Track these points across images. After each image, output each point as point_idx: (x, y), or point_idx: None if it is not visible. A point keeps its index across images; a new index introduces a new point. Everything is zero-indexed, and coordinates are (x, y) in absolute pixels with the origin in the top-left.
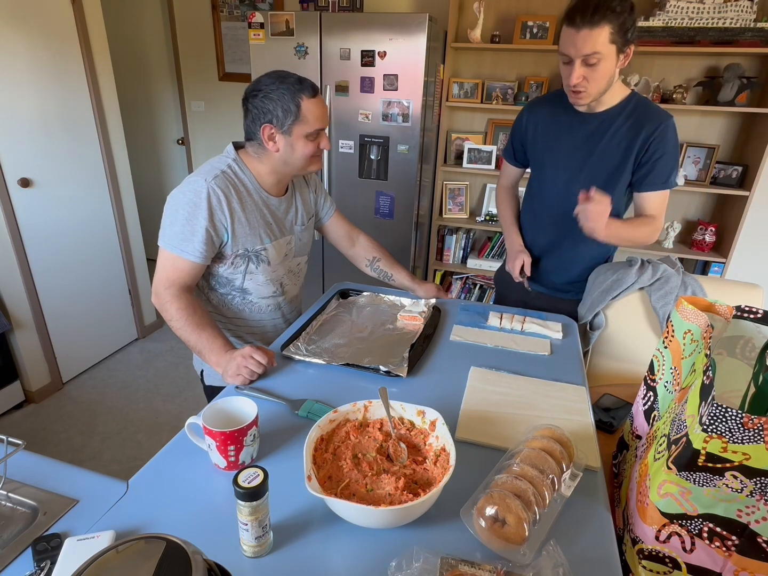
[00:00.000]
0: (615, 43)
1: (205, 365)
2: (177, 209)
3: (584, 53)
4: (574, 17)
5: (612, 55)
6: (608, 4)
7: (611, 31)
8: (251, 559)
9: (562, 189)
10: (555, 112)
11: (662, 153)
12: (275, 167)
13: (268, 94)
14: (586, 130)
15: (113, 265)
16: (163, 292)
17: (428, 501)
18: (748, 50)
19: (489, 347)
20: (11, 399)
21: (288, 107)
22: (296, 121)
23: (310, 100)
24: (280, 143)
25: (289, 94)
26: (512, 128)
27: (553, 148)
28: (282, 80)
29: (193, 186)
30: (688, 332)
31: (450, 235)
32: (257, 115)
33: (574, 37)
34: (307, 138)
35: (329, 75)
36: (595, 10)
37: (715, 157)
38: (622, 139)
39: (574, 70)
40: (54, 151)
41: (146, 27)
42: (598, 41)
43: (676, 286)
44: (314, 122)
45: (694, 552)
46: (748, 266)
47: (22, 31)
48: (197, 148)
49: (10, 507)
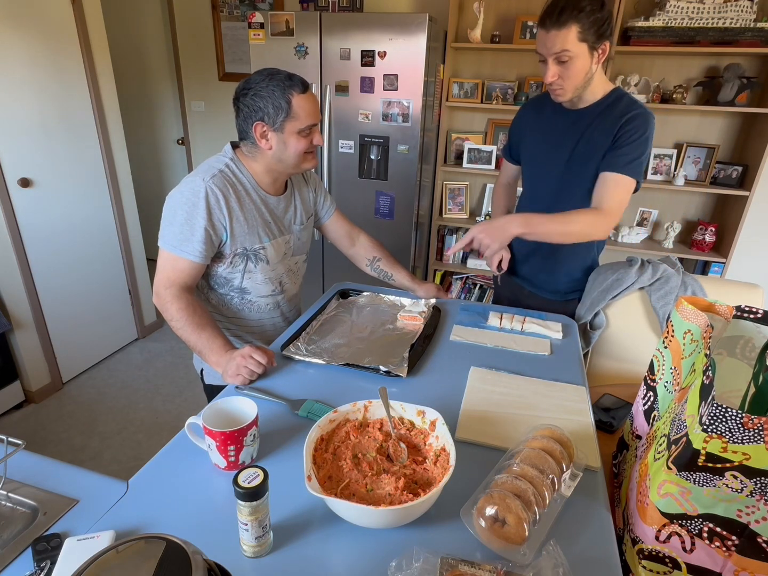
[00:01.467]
0: (585, 41)
1: (204, 364)
2: (175, 209)
3: (554, 51)
4: (544, 20)
5: (584, 53)
6: (575, 5)
7: (579, 30)
8: (251, 559)
9: (546, 184)
10: (542, 110)
11: (629, 137)
12: (270, 165)
13: (259, 91)
14: (568, 125)
15: (113, 265)
16: (164, 292)
17: (428, 501)
18: (748, 50)
19: (489, 347)
20: (11, 399)
21: (279, 104)
22: (287, 117)
23: (300, 96)
24: (272, 141)
25: (279, 91)
26: (510, 127)
27: (538, 144)
28: (271, 77)
29: (191, 186)
30: (688, 332)
31: (450, 235)
32: (248, 114)
33: (544, 37)
34: (299, 134)
35: (329, 75)
36: (562, 12)
37: (715, 157)
38: (602, 132)
39: (548, 68)
40: (54, 151)
41: (146, 27)
42: (567, 40)
43: (676, 286)
44: (306, 118)
45: (694, 552)
46: (748, 266)
47: (22, 31)
48: (197, 148)
49: (10, 507)
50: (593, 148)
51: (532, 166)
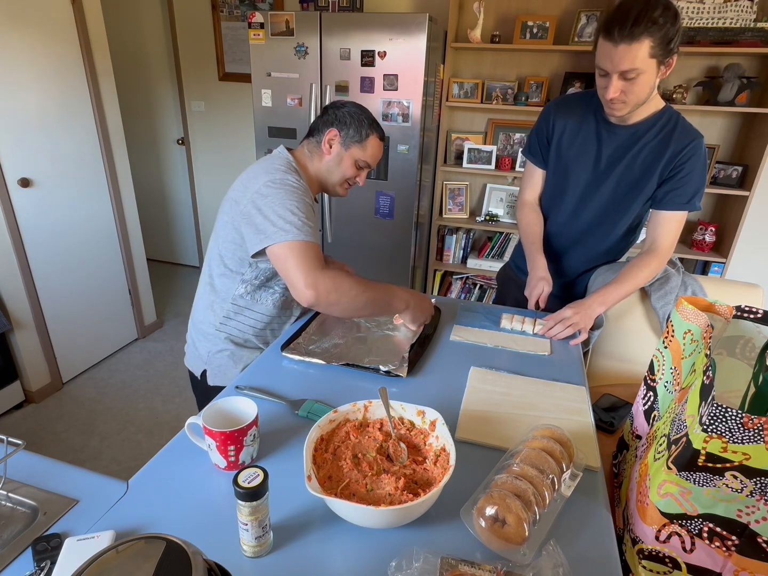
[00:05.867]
0: (655, 57)
1: (208, 365)
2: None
3: (621, 69)
4: (611, 30)
5: (652, 69)
6: (650, 15)
7: (651, 45)
8: (251, 559)
9: (578, 199)
10: (585, 118)
11: (688, 171)
12: (319, 171)
13: (351, 113)
14: (615, 142)
15: (113, 265)
16: (323, 275)
17: (428, 501)
18: (748, 50)
19: (489, 347)
20: (11, 399)
21: (359, 131)
22: (358, 144)
23: (376, 139)
24: (334, 150)
25: (366, 123)
26: (537, 126)
27: (578, 156)
28: (364, 111)
29: (281, 177)
30: (688, 332)
31: (450, 235)
32: (332, 120)
33: (611, 51)
34: (355, 163)
35: (329, 75)
36: (635, 23)
37: (715, 157)
38: (648, 154)
39: (611, 84)
40: (54, 151)
41: (146, 27)
42: (637, 57)
43: (676, 286)
44: (369, 156)
45: (694, 552)
46: (748, 266)
47: (22, 31)
48: (197, 148)
49: (10, 507)
50: (635, 168)
51: (563, 175)
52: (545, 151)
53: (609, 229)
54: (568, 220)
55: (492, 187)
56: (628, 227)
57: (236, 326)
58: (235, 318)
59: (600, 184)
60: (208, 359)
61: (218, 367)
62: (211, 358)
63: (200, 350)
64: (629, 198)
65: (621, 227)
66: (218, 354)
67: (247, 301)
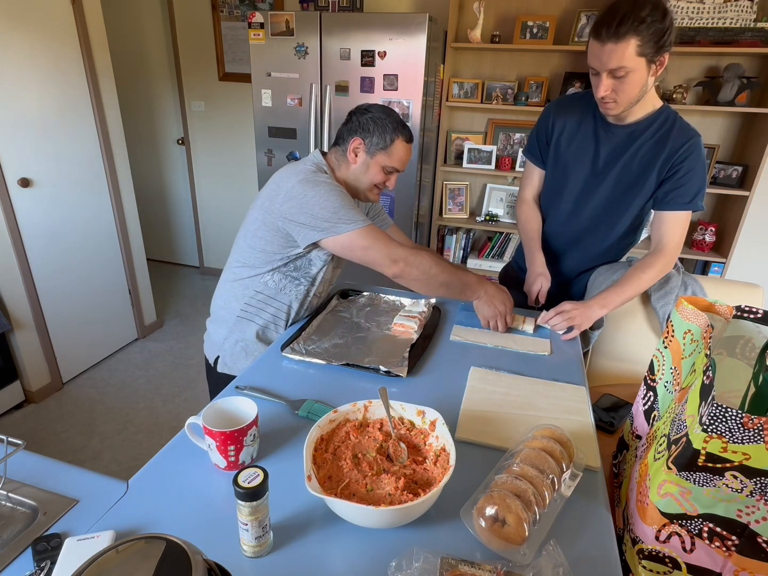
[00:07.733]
0: (644, 55)
1: (221, 351)
2: (328, 199)
3: (609, 67)
4: (599, 30)
5: (641, 67)
6: (636, 15)
7: (638, 44)
8: (251, 559)
9: (577, 199)
10: (583, 118)
11: (687, 170)
12: (346, 179)
13: (376, 118)
14: (612, 142)
15: (113, 265)
16: (404, 251)
17: (428, 501)
18: (748, 50)
19: (489, 347)
20: (11, 399)
21: (384, 137)
22: (383, 150)
23: (402, 143)
24: (359, 159)
25: (391, 127)
26: (537, 126)
27: (576, 155)
28: (391, 115)
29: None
30: (688, 332)
31: (450, 235)
32: (356, 127)
33: (599, 50)
34: (382, 169)
35: (329, 75)
36: (621, 23)
37: (715, 157)
38: (646, 153)
39: (601, 82)
40: (54, 151)
41: (146, 27)
42: (624, 56)
43: (676, 286)
44: (396, 161)
45: (694, 552)
46: (748, 266)
47: (22, 31)
48: (197, 148)
49: (10, 507)
50: (633, 167)
51: (561, 175)
52: (545, 152)
53: (608, 229)
54: (566, 219)
55: (492, 187)
56: (628, 228)
57: (257, 313)
58: (257, 305)
59: (598, 183)
60: (223, 345)
61: (230, 356)
62: (225, 345)
63: (217, 336)
64: (627, 197)
65: (620, 227)
66: (233, 343)
67: (272, 290)
